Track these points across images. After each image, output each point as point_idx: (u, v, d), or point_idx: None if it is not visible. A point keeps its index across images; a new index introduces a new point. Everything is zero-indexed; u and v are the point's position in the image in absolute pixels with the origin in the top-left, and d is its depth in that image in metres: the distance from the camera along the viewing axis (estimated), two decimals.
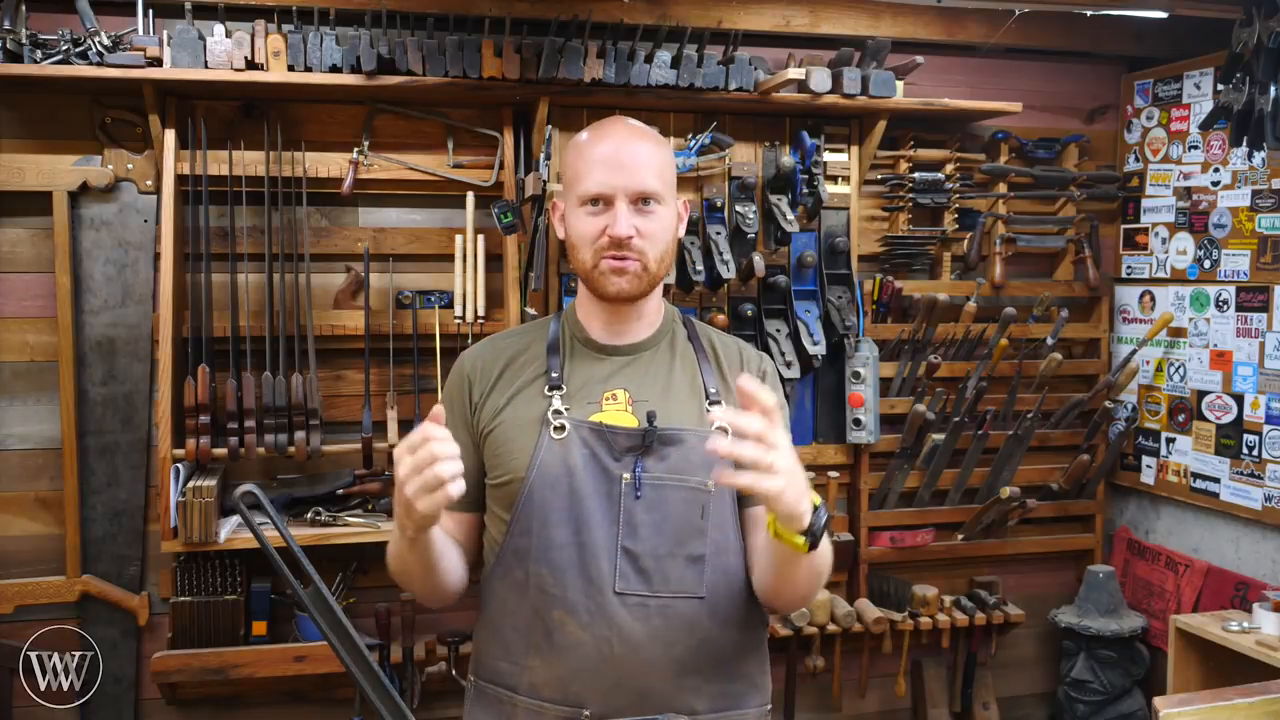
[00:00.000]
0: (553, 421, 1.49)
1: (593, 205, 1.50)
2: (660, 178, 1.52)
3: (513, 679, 1.50)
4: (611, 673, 1.45)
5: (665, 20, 2.84)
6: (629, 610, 1.45)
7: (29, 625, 2.72)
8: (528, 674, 1.49)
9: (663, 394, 1.55)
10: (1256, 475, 2.95)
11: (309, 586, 1.13)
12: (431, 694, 2.89)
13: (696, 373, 1.59)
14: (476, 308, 2.79)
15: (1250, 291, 2.98)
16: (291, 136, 2.79)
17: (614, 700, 1.44)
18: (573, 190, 1.53)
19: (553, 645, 1.47)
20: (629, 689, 1.45)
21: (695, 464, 1.49)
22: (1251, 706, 2.32)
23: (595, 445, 1.49)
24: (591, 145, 1.54)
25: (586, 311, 1.61)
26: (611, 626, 1.45)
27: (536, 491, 1.48)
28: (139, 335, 2.78)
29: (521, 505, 1.49)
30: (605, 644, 1.45)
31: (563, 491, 1.47)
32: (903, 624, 3.13)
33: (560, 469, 1.48)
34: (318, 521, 2.75)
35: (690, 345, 1.63)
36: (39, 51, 2.53)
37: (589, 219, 1.51)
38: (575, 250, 1.54)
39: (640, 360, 1.58)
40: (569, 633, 1.46)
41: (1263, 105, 2.46)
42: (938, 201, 3.19)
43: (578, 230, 1.53)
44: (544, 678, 1.47)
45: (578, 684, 1.45)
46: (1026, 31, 3.12)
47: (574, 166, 1.54)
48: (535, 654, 1.48)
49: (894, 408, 3.19)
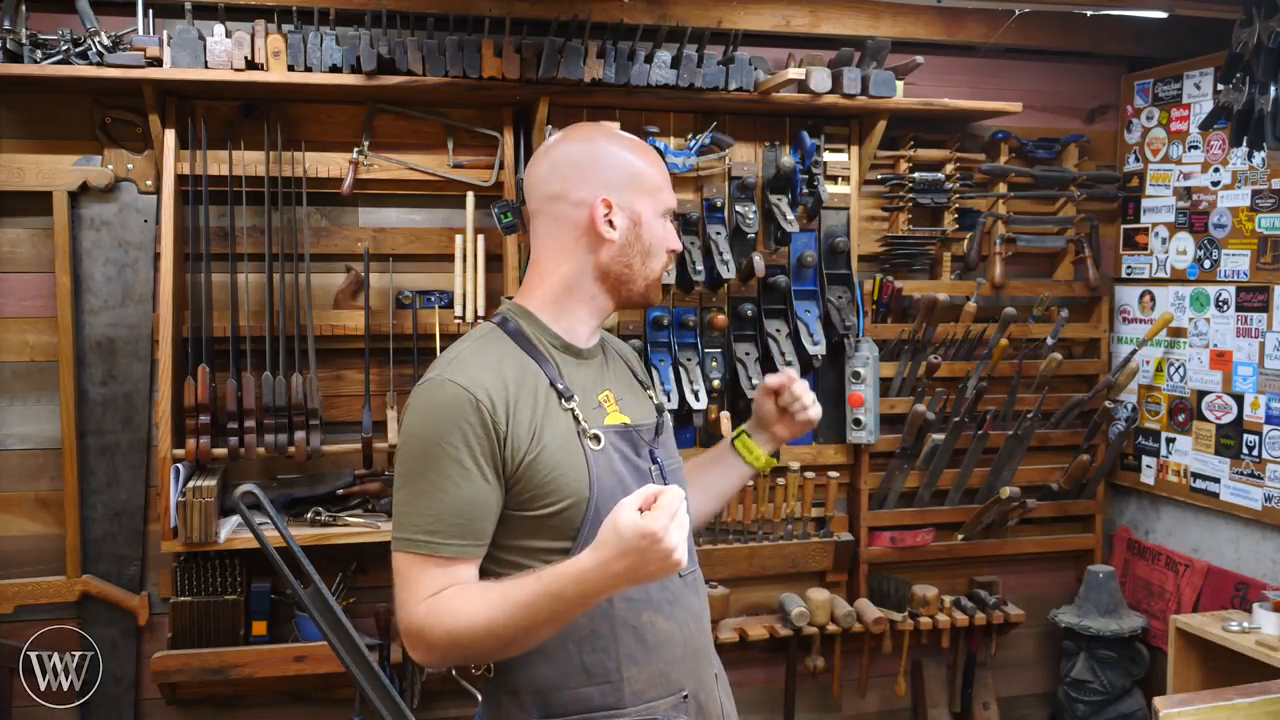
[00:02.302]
0: (589, 431, 1.50)
1: (666, 219, 1.59)
2: None
3: (609, 698, 1.47)
4: (692, 650, 1.56)
5: (665, 20, 2.84)
6: (689, 588, 1.58)
7: (29, 625, 2.72)
8: (628, 685, 1.48)
9: (629, 389, 1.65)
10: (1256, 475, 2.95)
11: (309, 586, 1.13)
12: (431, 694, 2.89)
13: (623, 365, 1.71)
14: (476, 308, 2.79)
15: (1250, 291, 2.98)
16: (291, 136, 2.79)
17: (697, 672, 1.57)
18: (654, 198, 1.57)
19: (647, 646, 1.49)
20: (703, 656, 1.59)
21: (675, 442, 1.71)
22: (1251, 706, 2.32)
23: (624, 447, 1.54)
24: (649, 156, 1.59)
25: (570, 316, 1.57)
26: (684, 608, 1.56)
27: (602, 506, 1.44)
28: (139, 335, 2.78)
29: (589, 525, 1.44)
30: (684, 626, 1.55)
31: (620, 499, 1.45)
32: (903, 624, 3.13)
33: (612, 479, 1.49)
34: (318, 521, 2.75)
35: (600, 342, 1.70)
36: (39, 51, 2.53)
37: (669, 230, 1.60)
38: (648, 257, 1.57)
39: (599, 362, 1.63)
40: (660, 629, 1.51)
41: (1263, 105, 2.46)
42: (938, 201, 3.19)
43: (659, 239, 1.57)
44: (646, 680, 1.49)
45: (676, 671, 1.53)
46: (1026, 31, 3.12)
47: (650, 175, 1.57)
48: (631, 663, 1.48)
49: (894, 408, 3.20)
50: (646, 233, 1.56)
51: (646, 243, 1.56)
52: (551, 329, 1.56)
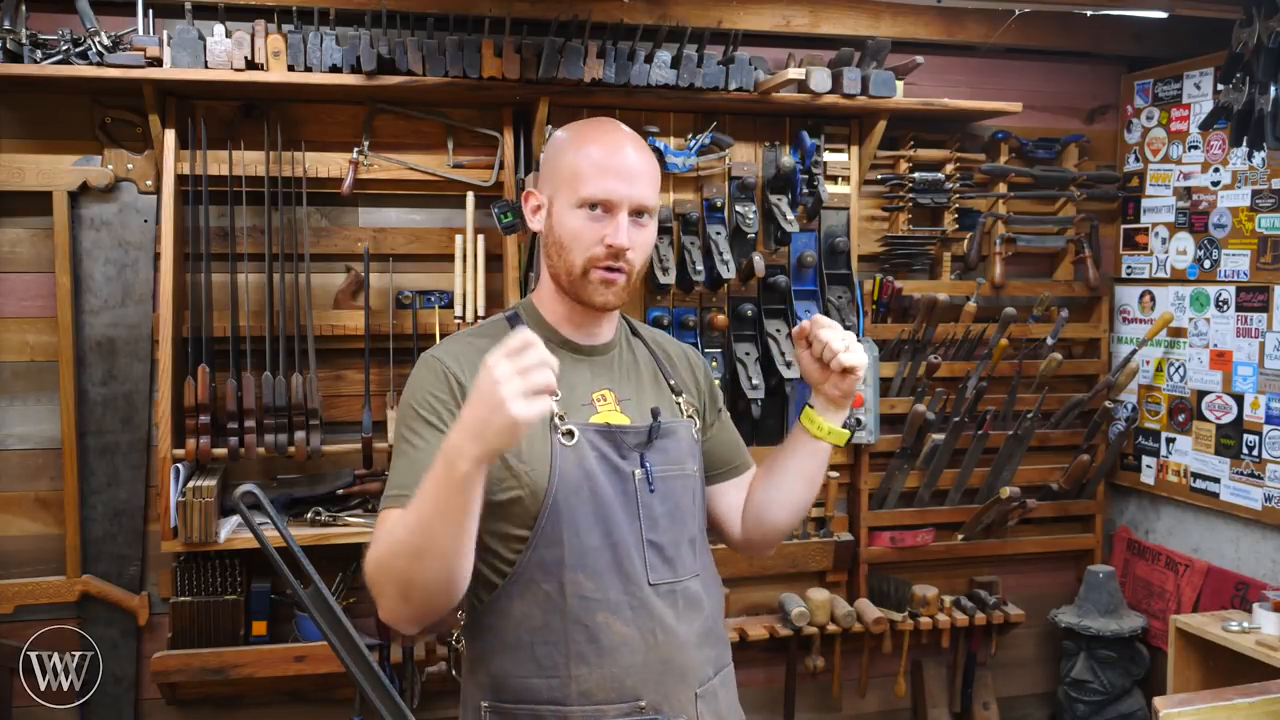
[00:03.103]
0: (560, 427, 1.48)
1: (591, 209, 1.47)
2: (656, 192, 1.54)
3: (555, 693, 1.47)
4: (658, 660, 1.50)
5: (665, 20, 2.84)
6: (662, 599, 1.51)
7: (29, 625, 2.72)
8: (575, 684, 1.47)
9: (640, 390, 1.60)
10: (1256, 475, 2.95)
11: (309, 586, 1.12)
12: (431, 694, 2.89)
13: (656, 368, 1.65)
14: (476, 308, 2.79)
15: (1250, 291, 2.98)
16: (291, 136, 2.79)
17: (663, 685, 1.50)
18: (570, 188, 1.48)
19: (600, 648, 1.47)
20: (673, 672, 1.51)
21: (685, 452, 1.59)
22: (1251, 706, 2.32)
23: (604, 447, 1.51)
24: (594, 146, 1.50)
25: (557, 313, 1.57)
26: (653, 617, 1.49)
27: (562, 500, 1.45)
28: (139, 335, 2.78)
29: (547, 516, 1.45)
30: (650, 635, 1.49)
31: (585, 496, 1.47)
32: (903, 624, 3.13)
33: (579, 475, 1.48)
34: (318, 521, 2.75)
35: (640, 343, 1.67)
36: (39, 51, 2.53)
37: (587, 223, 1.47)
38: (563, 250, 1.49)
39: (611, 359, 1.60)
40: (616, 632, 1.47)
41: (1263, 105, 2.47)
42: (938, 201, 3.19)
43: (571, 231, 1.48)
44: (595, 682, 1.47)
45: (631, 679, 1.48)
46: (1026, 31, 3.12)
47: (573, 164, 1.49)
48: (580, 662, 1.47)
49: (894, 408, 3.20)
50: (557, 224, 1.50)
51: (557, 235, 1.50)
52: (550, 323, 1.57)
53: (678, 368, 1.68)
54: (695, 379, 1.71)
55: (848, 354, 1.50)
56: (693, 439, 1.61)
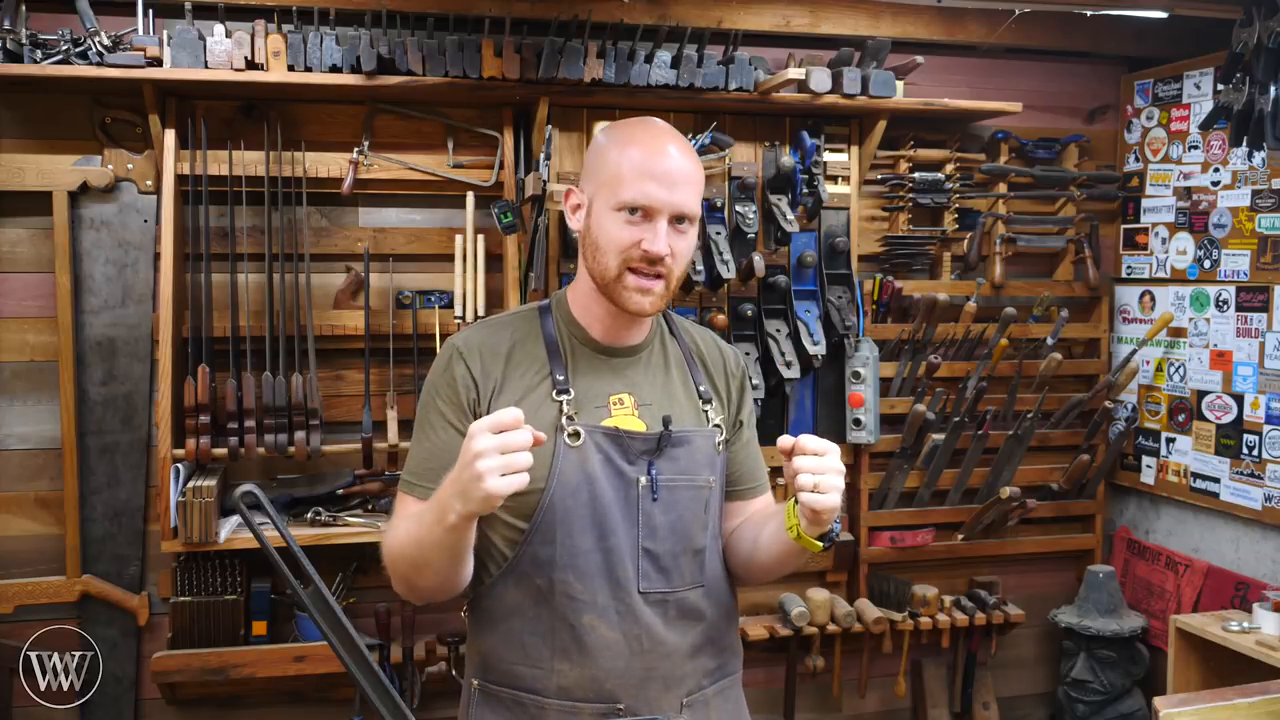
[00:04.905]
0: (567, 428, 1.48)
1: (630, 214, 1.45)
2: (699, 198, 1.52)
3: (537, 683, 1.50)
4: (641, 667, 1.50)
5: (665, 20, 2.84)
6: (652, 607, 1.51)
7: (29, 625, 2.72)
8: (556, 678, 1.49)
9: (664, 396, 1.57)
10: (1256, 475, 2.95)
11: (309, 586, 1.12)
12: (431, 694, 2.89)
13: (687, 373, 1.62)
14: (476, 308, 2.79)
15: (1250, 291, 2.98)
16: (291, 136, 2.79)
17: (645, 692, 1.51)
18: (610, 191, 1.46)
19: (584, 648, 1.48)
20: (656, 679, 1.52)
21: (700, 463, 1.56)
22: (1251, 706, 2.32)
23: (610, 451, 1.50)
24: (636, 148, 1.48)
25: (588, 313, 1.56)
26: (640, 624, 1.50)
27: (558, 500, 1.47)
28: (139, 335, 2.78)
29: (542, 515, 1.47)
30: (635, 641, 1.49)
31: (584, 499, 1.48)
32: (903, 624, 3.13)
33: (579, 477, 1.48)
34: (318, 521, 2.75)
35: (676, 343, 1.65)
36: (39, 51, 2.53)
37: (626, 226, 1.45)
38: (599, 252, 1.47)
39: (639, 362, 1.58)
40: (600, 635, 1.48)
41: (1263, 105, 2.47)
42: (938, 201, 3.19)
43: (608, 234, 1.46)
44: (575, 680, 1.49)
45: (611, 681, 1.49)
46: (1026, 31, 3.12)
47: (615, 166, 1.47)
48: (564, 658, 1.49)
49: (894, 408, 3.20)
50: (595, 225, 1.48)
51: (594, 236, 1.48)
52: (579, 321, 1.57)
53: (712, 373, 1.65)
54: (728, 388, 1.66)
55: (813, 495, 1.35)
56: (713, 449, 1.58)
